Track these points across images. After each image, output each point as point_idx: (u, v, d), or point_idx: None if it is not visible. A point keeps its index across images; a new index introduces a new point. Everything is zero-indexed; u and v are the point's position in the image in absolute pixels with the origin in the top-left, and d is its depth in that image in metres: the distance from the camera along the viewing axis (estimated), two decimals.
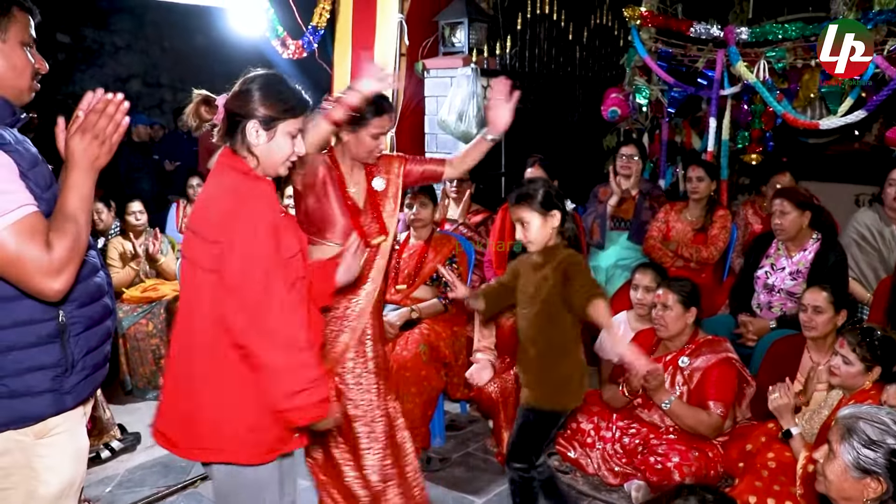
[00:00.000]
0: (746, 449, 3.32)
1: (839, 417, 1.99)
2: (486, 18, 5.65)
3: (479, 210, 4.97)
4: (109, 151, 1.82)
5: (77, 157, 1.79)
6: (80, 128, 1.79)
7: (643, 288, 3.94)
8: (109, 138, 1.81)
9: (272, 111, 2.04)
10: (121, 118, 1.82)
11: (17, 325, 1.77)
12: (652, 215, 4.88)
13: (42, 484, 1.87)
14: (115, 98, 1.82)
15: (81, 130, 1.79)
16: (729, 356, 3.50)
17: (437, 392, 3.83)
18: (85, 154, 1.79)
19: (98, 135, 1.79)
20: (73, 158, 1.79)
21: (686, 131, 6.31)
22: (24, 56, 1.87)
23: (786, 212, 3.98)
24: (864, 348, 2.95)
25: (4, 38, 1.82)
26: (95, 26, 8.61)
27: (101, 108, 1.80)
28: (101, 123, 1.79)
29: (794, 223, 3.97)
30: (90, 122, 1.79)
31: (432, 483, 3.61)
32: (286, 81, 2.12)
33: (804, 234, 4.01)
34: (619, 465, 3.54)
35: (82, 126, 1.79)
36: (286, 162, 2.11)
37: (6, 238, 1.65)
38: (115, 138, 1.83)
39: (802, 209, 3.97)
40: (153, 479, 3.70)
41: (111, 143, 1.82)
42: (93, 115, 1.79)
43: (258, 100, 2.04)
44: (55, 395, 1.84)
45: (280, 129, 2.06)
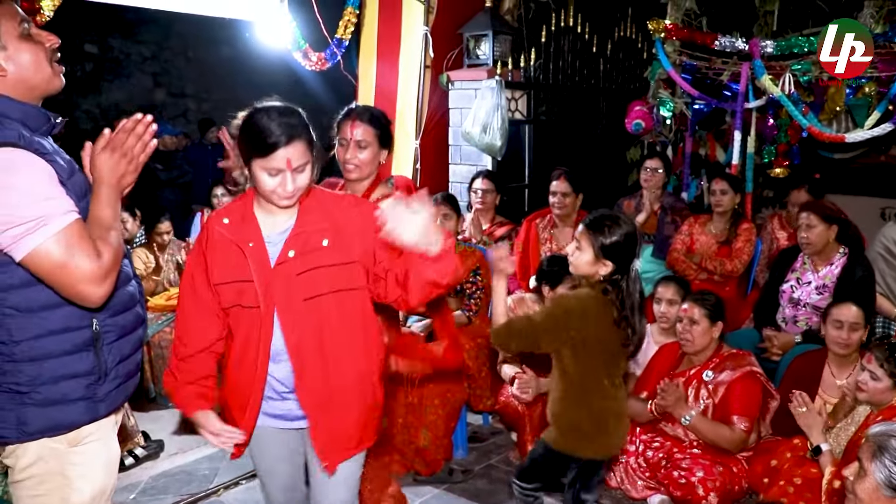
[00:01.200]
0: (771, 465, 3.29)
1: (869, 435, 1.98)
2: (511, 31, 5.66)
3: (504, 222, 4.98)
4: (136, 170, 1.86)
5: (105, 175, 1.82)
6: (108, 146, 1.82)
7: (666, 301, 3.92)
8: (137, 157, 1.86)
9: (243, 152, 2.02)
10: (149, 139, 1.87)
11: (52, 333, 1.79)
12: (675, 229, 4.86)
13: (75, 492, 1.89)
14: (145, 118, 1.85)
15: (111, 148, 1.82)
16: (753, 370, 3.47)
17: (461, 404, 3.83)
18: (113, 172, 1.83)
19: (126, 153, 1.83)
20: (100, 175, 1.82)
21: (710, 144, 6.30)
22: (30, 46, 1.80)
23: (812, 225, 3.95)
24: (893, 364, 2.93)
25: (3, 45, 1.76)
26: (123, 37, 8.73)
27: (131, 127, 1.84)
28: (129, 142, 1.84)
29: (821, 237, 3.94)
30: (119, 141, 1.83)
31: (454, 495, 3.62)
32: (262, 117, 1.99)
33: (831, 249, 3.98)
34: (642, 479, 3.52)
35: (111, 144, 1.83)
36: (281, 199, 2.04)
37: (53, 246, 1.68)
38: (142, 158, 1.87)
39: (829, 223, 3.94)
40: (176, 486, 3.72)
41: (138, 163, 1.87)
42: (122, 133, 1.83)
43: (238, 141, 2.05)
44: (89, 403, 1.86)
45: (254, 166, 2.00)
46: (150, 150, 1.87)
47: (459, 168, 5.68)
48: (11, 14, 1.80)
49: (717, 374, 3.50)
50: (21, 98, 1.80)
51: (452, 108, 5.67)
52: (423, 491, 3.64)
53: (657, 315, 3.99)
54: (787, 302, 4.10)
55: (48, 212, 1.68)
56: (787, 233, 4.78)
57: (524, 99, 5.84)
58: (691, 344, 3.54)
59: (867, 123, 4.69)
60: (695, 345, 3.53)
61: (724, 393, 3.46)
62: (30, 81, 1.81)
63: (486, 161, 5.48)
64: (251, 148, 1.98)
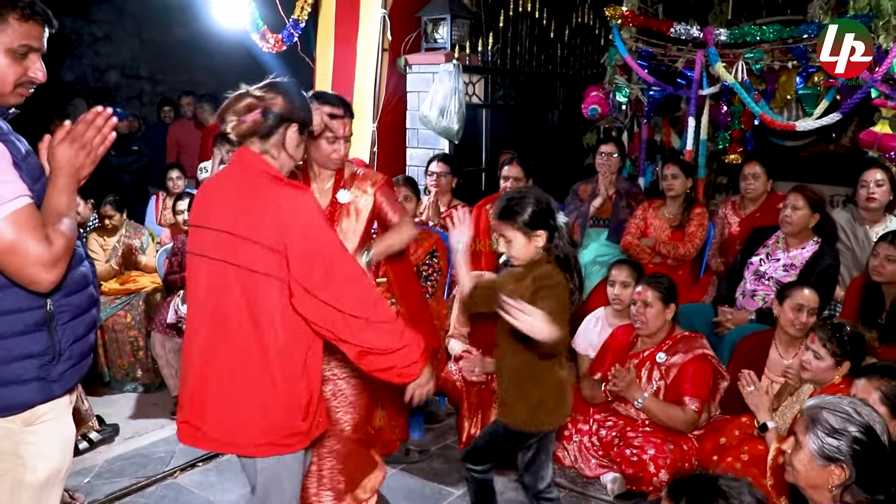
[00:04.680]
0: (720, 442, 3.37)
1: (804, 408, 2.05)
2: (469, 15, 5.68)
3: (461, 205, 5.00)
4: (94, 162, 1.87)
5: (63, 165, 1.82)
6: (68, 137, 1.82)
7: (620, 284, 4.00)
8: (95, 150, 1.86)
9: (307, 116, 2.22)
10: (108, 131, 1.87)
11: (4, 313, 1.78)
12: (629, 214, 4.94)
13: (29, 471, 1.89)
14: (105, 111, 1.86)
15: (70, 139, 1.82)
16: (705, 352, 3.56)
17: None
18: (70, 163, 1.82)
19: (85, 145, 1.83)
20: (58, 165, 1.82)
21: (666, 130, 6.39)
22: (10, 62, 1.82)
23: (798, 207, 3.99)
24: (835, 344, 3.02)
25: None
26: (74, 16, 8.53)
27: (91, 119, 1.84)
28: (88, 134, 1.84)
29: (803, 220, 3.99)
30: (79, 132, 1.83)
31: (411, 475, 3.66)
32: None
33: (806, 235, 4.04)
34: (595, 458, 3.61)
35: (71, 136, 1.82)
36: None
37: (3, 227, 1.67)
38: (101, 150, 1.87)
39: (814, 210, 4.00)
40: (132, 469, 3.70)
41: (96, 155, 1.87)
42: (82, 125, 1.83)
43: (302, 104, 2.19)
44: (43, 384, 1.86)
45: (304, 134, 2.24)
46: (109, 143, 1.88)
47: (417, 151, 5.70)
48: (22, 34, 1.82)
49: (669, 357, 3.58)
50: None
51: (410, 91, 5.68)
52: None
53: (611, 297, 4.06)
54: (752, 275, 4.17)
55: (1, 193, 1.67)
56: (740, 217, 4.88)
57: (481, 83, 5.87)
58: (645, 326, 3.61)
59: (816, 112, 4.78)
60: (648, 327, 3.60)
61: (676, 374, 3.54)
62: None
63: (443, 145, 5.51)
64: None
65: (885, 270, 3.59)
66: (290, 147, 2.17)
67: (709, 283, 4.69)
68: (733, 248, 4.70)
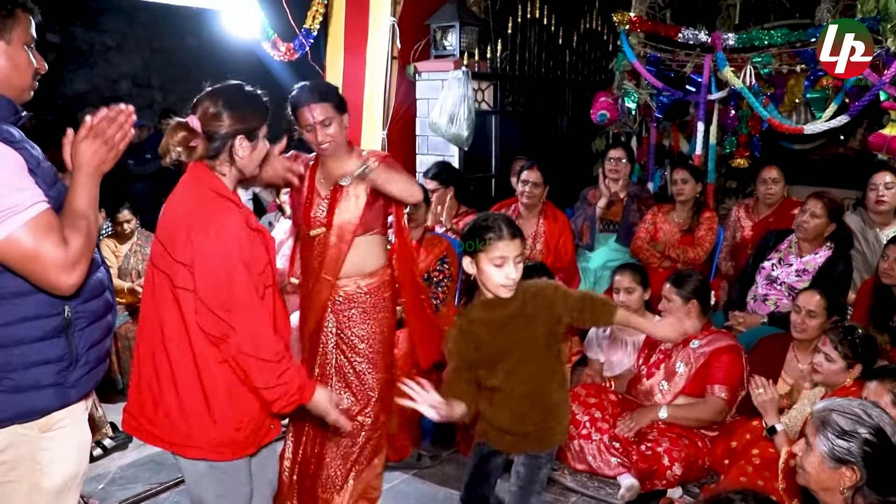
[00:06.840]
0: (731, 446, 3.38)
1: (814, 411, 2.06)
2: (478, 22, 5.70)
3: (469, 212, 5.01)
4: (115, 157, 1.91)
5: (85, 161, 1.85)
6: (90, 133, 1.85)
7: (624, 290, 4.00)
8: (117, 145, 1.90)
9: (254, 120, 2.21)
10: (129, 127, 1.92)
11: (24, 320, 1.81)
12: (640, 218, 4.96)
13: (46, 477, 1.91)
14: (127, 108, 1.90)
15: (92, 136, 1.86)
16: (738, 345, 3.64)
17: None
18: (93, 159, 1.86)
19: (107, 141, 1.87)
20: (80, 162, 1.86)
21: (674, 135, 6.38)
22: (27, 56, 1.91)
23: (817, 215, 3.99)
24: (846, 346, 3.03)
25: (9, 40, 1.86)
26: (85, 26, 8.59)
27: (113, 115, 1.88)
28: (110, 130, 1.87)
29: (819, 228, 4.00)
30: (101, 129, 1.86)
31: (423, 480, 3.67)
32: (246, 88, 2.26)
33: (820, 242, 4.05)
34: (616, 456, 3.56)
35: (94, 131, 1.86)
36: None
37: (23, 235, 1.70)
38: (122, 146, 1.91)
39: (831, 219, 4.01)
40: (146, 475, 3.73)
41: (118, 150, 1.91)
42: (104, 121, 1.87)
43: (239, 115, 2.17)
44: (60, 389, 1.89)
45: (260, 135, 2.24)
46: (130, 138, 1.93)
47: (426, 158, 5.71)
48: (28, 26, 1.91)
49: (702, 345, 3.63)
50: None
51: (419, 98, 5.71)
52: (392, 476, 3.67)
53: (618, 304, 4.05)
54: (764, 279, 4.17)
55: (19, 201, 1.71)
56: (753, 222, 4.87)
57: (491, 90, 5.89)
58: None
59: (824, 115, 4.79)
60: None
61: (705, 361, 3.59)
62: (12, 82, 1.89)
63: (452, 151, 5.53)
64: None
65: (894, 273, 3.59)
66: (242, 157, 2.20)
67: (718, 287, 4.69)
68: (745, 252, 4.69)
